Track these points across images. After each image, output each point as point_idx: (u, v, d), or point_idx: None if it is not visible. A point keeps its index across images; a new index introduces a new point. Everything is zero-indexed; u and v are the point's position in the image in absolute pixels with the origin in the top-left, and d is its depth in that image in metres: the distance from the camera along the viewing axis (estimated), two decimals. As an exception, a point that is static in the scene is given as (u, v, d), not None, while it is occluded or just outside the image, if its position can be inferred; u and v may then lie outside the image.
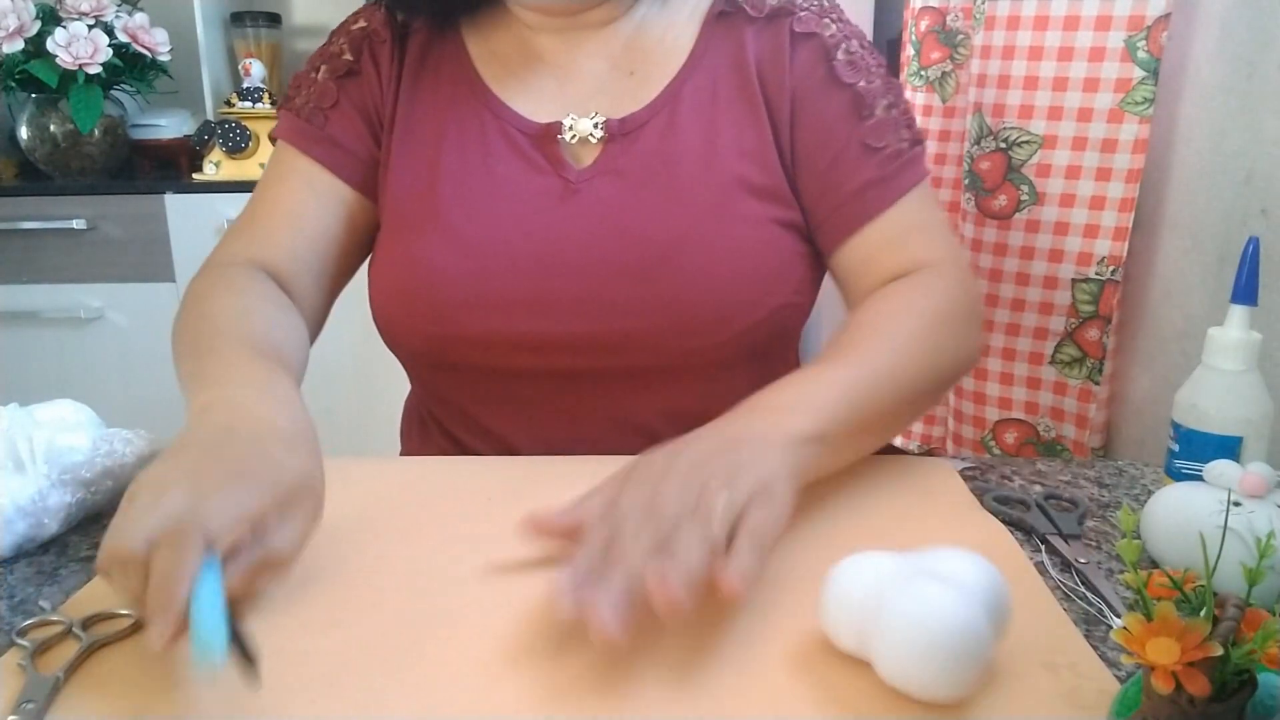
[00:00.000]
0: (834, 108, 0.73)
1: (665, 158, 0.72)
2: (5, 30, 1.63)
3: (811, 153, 0.73)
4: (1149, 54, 0.89)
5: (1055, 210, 0.98)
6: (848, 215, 0.72)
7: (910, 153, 0.73)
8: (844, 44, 0.74)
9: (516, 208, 0.72)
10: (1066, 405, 1.02)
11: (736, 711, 0.42)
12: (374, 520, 0.60)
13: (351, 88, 0.77)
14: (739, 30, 0.75)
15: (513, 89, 0.76)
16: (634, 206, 0.71)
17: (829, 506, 0.61)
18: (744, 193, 0.72)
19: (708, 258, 0.70)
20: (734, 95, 0.74)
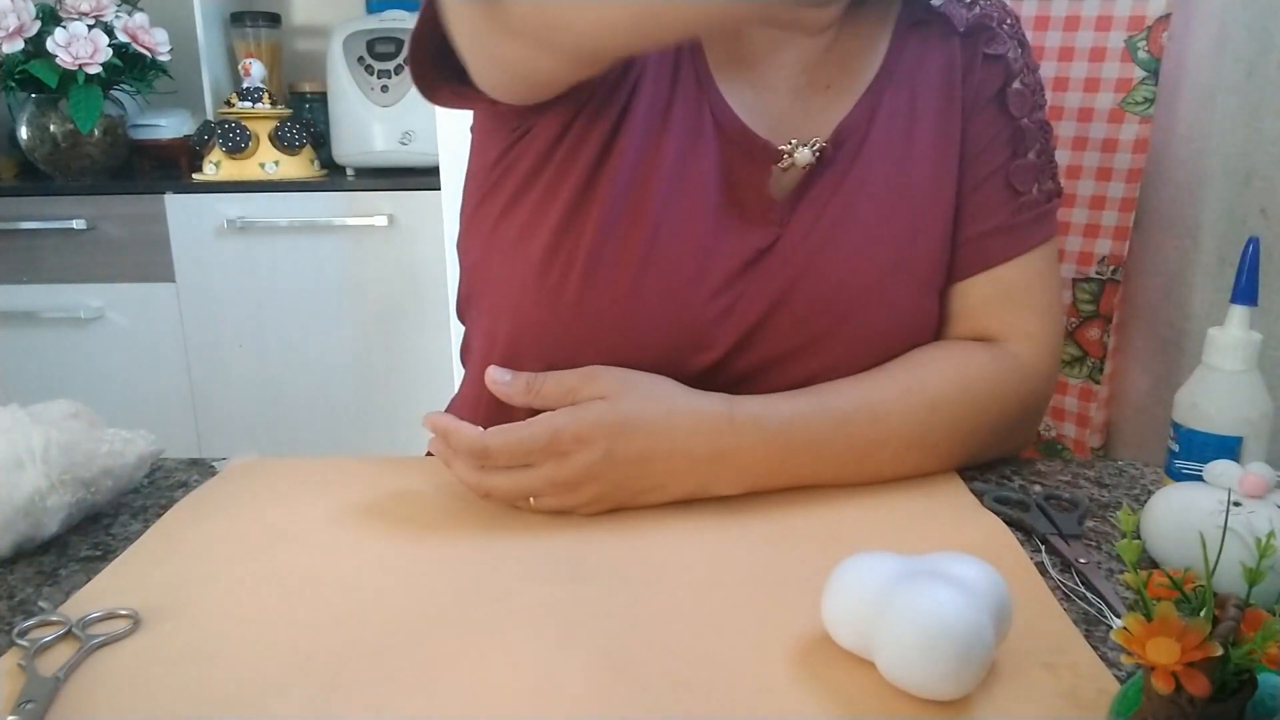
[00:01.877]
0: (994, 135, 0.70)
1: (858, 187, 0.67)
2: (5, 30, 1.64)
3: (963, 177, 0.70)
4: (1149, 54, 0.89)
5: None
6: (969, 256, 0.70)
7: (1047, 206, 0.71)
8: (1023, 73, 0.71)
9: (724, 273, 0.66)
10: (1067, 404, 1.02)
11: (737, 710, 0.42)
12: (374, 519, 0.60)
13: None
14: (932, 40, 0.70)
15: (726, 81, 0.68)
16: (827, 250, 0.67)
17: (829, 507, 0.61)
18: (937, 218, 0.68)
19: (892, 301, 0.67)
20: (933, 109, 0.70)
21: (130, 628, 0.48)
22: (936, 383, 0.65)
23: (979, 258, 0.70)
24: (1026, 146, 0.71)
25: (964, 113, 0.70)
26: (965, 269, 0.70)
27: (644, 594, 0.51)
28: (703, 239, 0.65)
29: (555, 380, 0.61)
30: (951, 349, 0.68)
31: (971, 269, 0.70)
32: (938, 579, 0.42)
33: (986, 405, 0.66)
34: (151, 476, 0.68)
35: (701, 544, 0.56)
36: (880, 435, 0.63)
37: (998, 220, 0.69)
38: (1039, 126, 0.72)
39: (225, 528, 0.59)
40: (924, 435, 0.64)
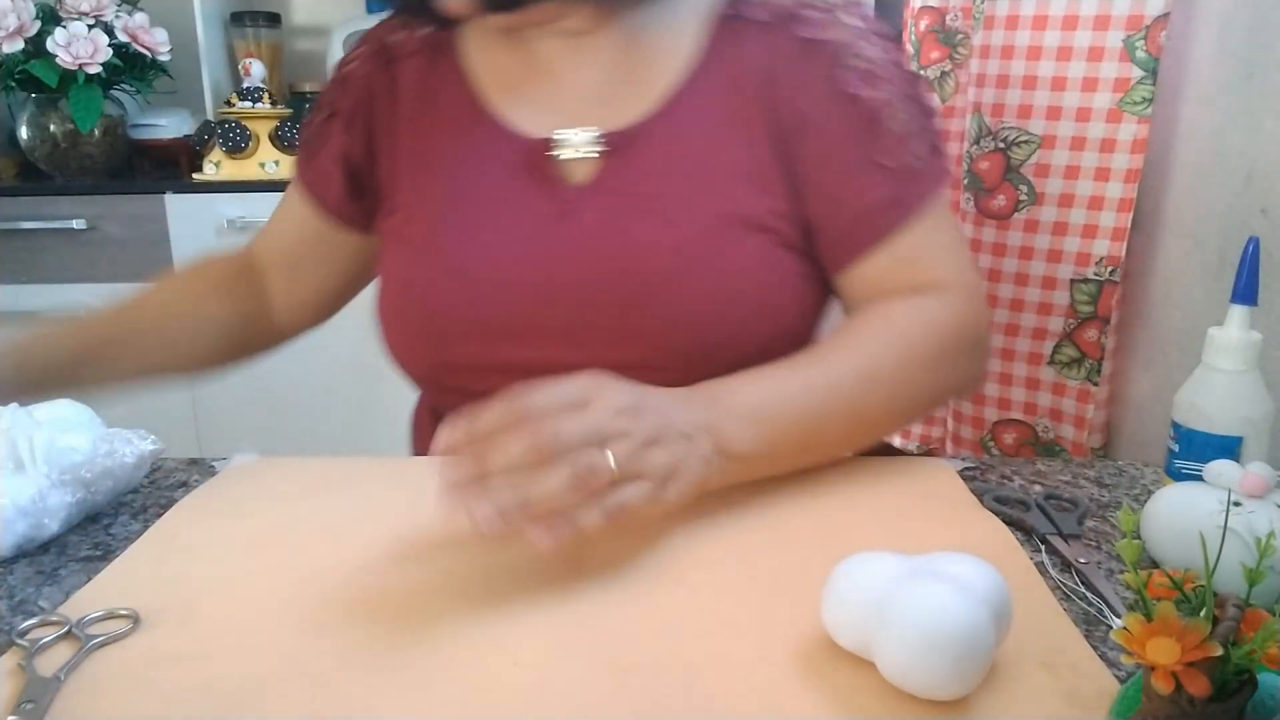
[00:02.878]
0: (842, 122, 0.69)
1: (662, 175, 0.69)
2: (5, 30, 1.63)
3: (818, 171, 0.69)
4: (1148, 54, 0.89)
5: (1054, 210, 0.98)
6: (856, 238, 0.69)
7: (927, 168, 0.70)
8: (857, 49, 0.69)
9: (510, 231, 0.71)
10: (1065, 406, 1.02)
11: (738, 711, 0.42)
12: (375, 520, 0.60)
13: (329, 128, 0.80)
14: (746, 37, 0.70)
15: (512, 103, 0.74)
16: (627, 230, 0.69)
17: (829, 506, 0.61)
18: (741, 216, 0.68)
19: (699, 288, 0.67)
20: (735, 109, 0.69)
21: (130, 628, 0.48)
22: (895, 336, 0.65)
23: (868, 233, 0.69)
24: (884, 120, 0.68)
25: (802, 112, 0.69)
26: (857, 248, 0.69)
27: (644, 595, 0.51)
28: (486, 231, 0.71)
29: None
30: (880, 310, 0.68)
31: (863, 247, 0.69)
32: (938, 579, 0.42)
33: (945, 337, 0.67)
34: (151, 476, 0.68)
35: (701, 544, 0.56)
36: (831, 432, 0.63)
37: (875, 197, 0.68)
38: (901, 90, 0.70)
39: (225, 528, 0.59)
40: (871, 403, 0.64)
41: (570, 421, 0.50)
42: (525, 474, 0.48)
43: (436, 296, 0.71)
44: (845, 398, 0.62)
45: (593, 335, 0.68)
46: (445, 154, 0.74)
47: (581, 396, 0.52)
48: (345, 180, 0.80)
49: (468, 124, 0.74)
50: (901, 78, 0.71)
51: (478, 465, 0.48)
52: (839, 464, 0.68)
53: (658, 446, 0.52)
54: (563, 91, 0.73)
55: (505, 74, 0.75)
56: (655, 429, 0.53)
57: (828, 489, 0.63)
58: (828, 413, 0.62)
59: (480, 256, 0.70)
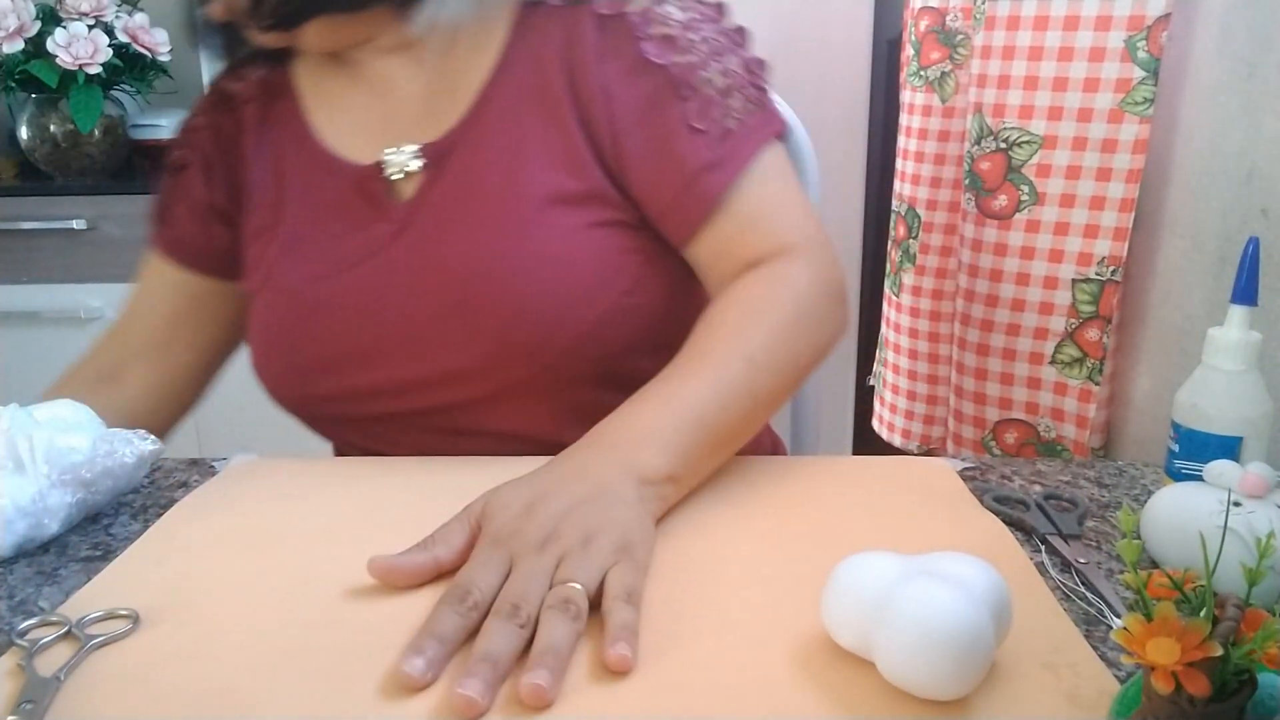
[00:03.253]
0: (649, 93, 0.68)
1: (478, 176, 0.70)
2: (5, 30, 1.63)
3: (635, 146, 0.69)
4: (1149, 54, 0.88)
5: (1055, 210, 0.98)
6: (686, 208, 0.69)
7: (744, 125, 0.68)
8: (658, 15, 0.69)
9: (348, 260, 0.72)
10: (1067, 405, 1.02)
11: (737, 710, 0.42)
12: (375, 520, 0.60)
13: (183, 182, 0.80)
14: (545, 23, 0.70)
15: (342, 132, 0.75)
16: (447, 239, 0.69)
17: (829, 506, 0.61)
18: (553, 204, 0.68)
19: (513, 281, 0.67)
20: (539, 97, 0.70)
21: (130, 628, 0.48)
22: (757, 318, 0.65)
23: (694, 205, 0.69)
24: (691, 84, 0.68)
25: (609, 90, 0.68)
26: (691, 218, 0.69)
27: (643, 594, 0.51)
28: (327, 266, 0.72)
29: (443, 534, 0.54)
30: (732, 297, 0.67)
31: (697, 216, 0.69)
32: (938, 579, 0.42)
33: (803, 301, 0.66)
34: (151, 476, 0.68)
35: (701, 544, 0.56)
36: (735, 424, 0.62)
37: (696, 163, 0.68)
38: (708, 49, 0.69)
39: (225, 528, 0.59)
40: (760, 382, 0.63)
41: (516, 585, 0.47)
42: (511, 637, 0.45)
43: (291, 338, 0.73)
44: (736, 387, 0.62)
45: (442, 345, 0.69)
46: (287, 196, 0.75)
47: (497, 554, 0.50)
48: (217, 229, 0.80)
49: (303, 161, 0.75)
50: (712, 30, 0.70)
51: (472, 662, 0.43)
52: (839, 464, 0.68)
53: (598, 534, 0.51)
54: (390, 110, 0.74)
55: (337, 104, 0.76)
56: (578, 519, 0.51)
57: (828, 489, 0.63)
58: (724, 407, 0.61)
59: (323, 292, 0.72)
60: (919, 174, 1.14)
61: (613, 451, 0.57)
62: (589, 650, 0.46)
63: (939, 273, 1.15)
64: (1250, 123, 0.79)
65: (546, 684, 0.42)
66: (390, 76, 0.74)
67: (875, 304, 1.41)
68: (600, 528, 0.51)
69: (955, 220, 1.11)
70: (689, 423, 0.59)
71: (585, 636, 0.47)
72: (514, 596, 0.46)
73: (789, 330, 0.65)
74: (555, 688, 0.42)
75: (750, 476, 0.65)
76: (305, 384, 0.73)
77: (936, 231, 1.14)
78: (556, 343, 0.68)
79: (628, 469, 0.56)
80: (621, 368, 0.71)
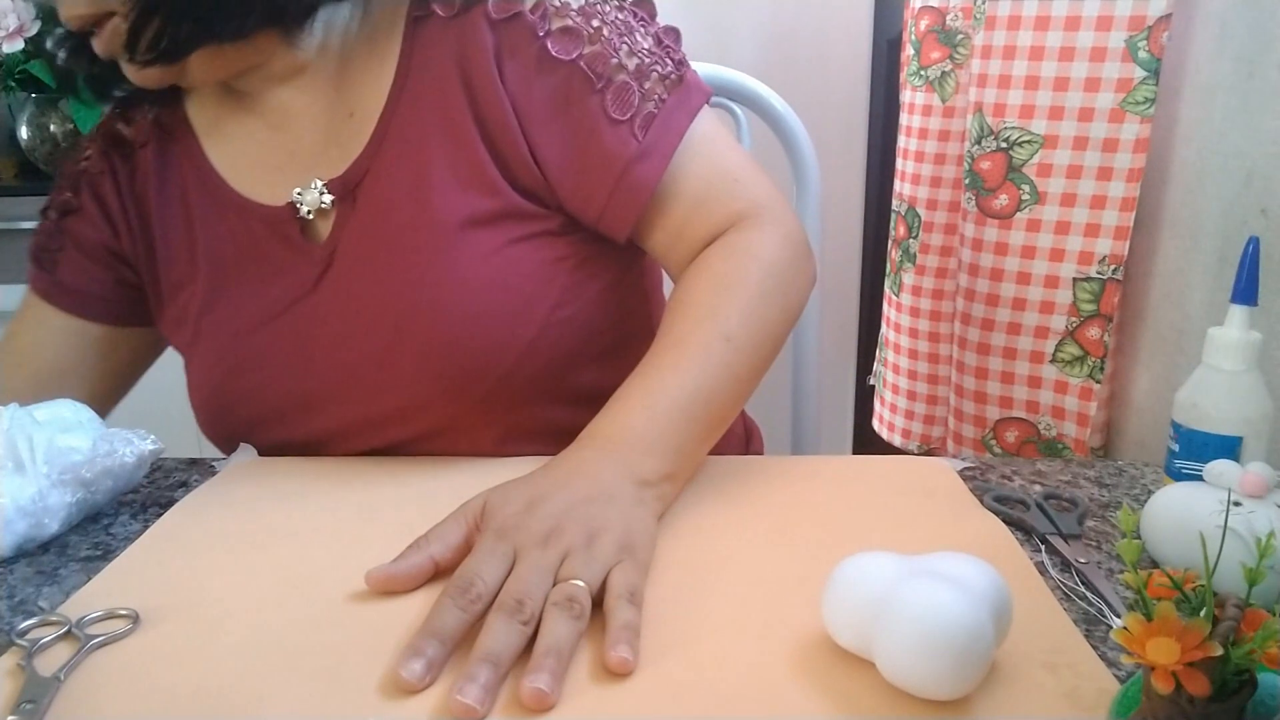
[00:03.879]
0: (561, 92, 0.65)
1: (385, 211, 0.67)
2: (5, 30, 1.63)
3: (557, 149, 0.66)
4: (1150, 54, 0.88)
5: (1056, 209, 0.98)
6: (623, 204, 0.66)
7: (666, 105, 0.66)
8: (552, 8, 0.66)
9: (268, 312, 0.69)
10: (1067, 404, 1.02)
11: (737, 710, 0.42)
12: (375, 519, 0.60)
13: (74, 226, 0.75)
14: (438, 35, 0.67)
15: (247, 172, 0.71)
16: (369, 276, 0.67)
17: (829, 506, 0.61)
18: (468, 228, 0.66)
19: (440, 313, 0.65)
20: (439, 116, 0.66)
21: (130, 627, 0.48)
22: (727, 294, 0.64)
23: (635, 192, 0.66)
24: (601, 75, 0.65)
25: (515, 95, 0.65)
26: (633, 209, 0.67)
27: (644, 594, 0.51)
28: (251, 316, 0.69)
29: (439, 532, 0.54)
30: (698, 276, 0.66)
31: (638, 205, 0.67)
32: (938, 579, 0.42)
33: (769, 267, 0.65)
34: (151, 476, 0.68)
35: (701, 544, 0.56)
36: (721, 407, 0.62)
37: (626, 154, 0.65)
38: (611, 40, 0.66)
39: (225, 528, 0.59)
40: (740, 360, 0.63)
41: (520, 581, 0.47)
42: (514, 635, 0.45)
43: (227, 397, 0.71)
44: (719, 371, 0.61)
45: (380, 385, 0.67)
46: (202, 242, 0.72)
47: (501, 546, 0.49)
48: (118, 273, 0.76)
49: (211, 205, 0.72)
50: (613, 16, 0.67)
51: (472, 661, 0.43)
52: (839, 464, 0.68)
53: (601, 532, 0.51)
54: (290, 144, 0.71)
55: (236, 141, 0.72)
56: (581, 517, 0.51)
57: (828, 489, 0.63)
58: (710, 394, 0.61)
59: (252, 346, 0.70)
60: (919, 173, 1.14)
61: (608, 453, 0.57)
62: (590, 650, 0.46)
63: (939, 272, 1.15)
64: (1250, 123, 0.79)
65: (548, 687, 0.42)
66: (286, 107, 0.70)
67: (875, 304, 1.41)
68: (603, 527, 0.51)
69: (956, 220, 1.11)
70: (678, 418, 0.59)
71: (586, 636, 0.47)
72: (518, 592, 0.46)
73: (760, 300, 0.64)
74: (556, 690, 0.42)
75: (751, 476, 0.65)
76: (251, 437, 0.71)
77: (937, 231, 1.14)
78: (494, 368, 0.66)
79: (625, 470, 0.56)
80: (565, 382, 0.69)
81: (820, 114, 1.58)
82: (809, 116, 0.98)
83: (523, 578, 0.47)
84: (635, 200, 0.66)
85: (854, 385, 1.76)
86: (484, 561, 0.49)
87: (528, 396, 0.68)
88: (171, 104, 0.74)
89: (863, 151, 1.67)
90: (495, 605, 0.46)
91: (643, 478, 0.56)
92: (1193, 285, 0.88)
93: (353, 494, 0.64)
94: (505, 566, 0.49)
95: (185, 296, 0.73)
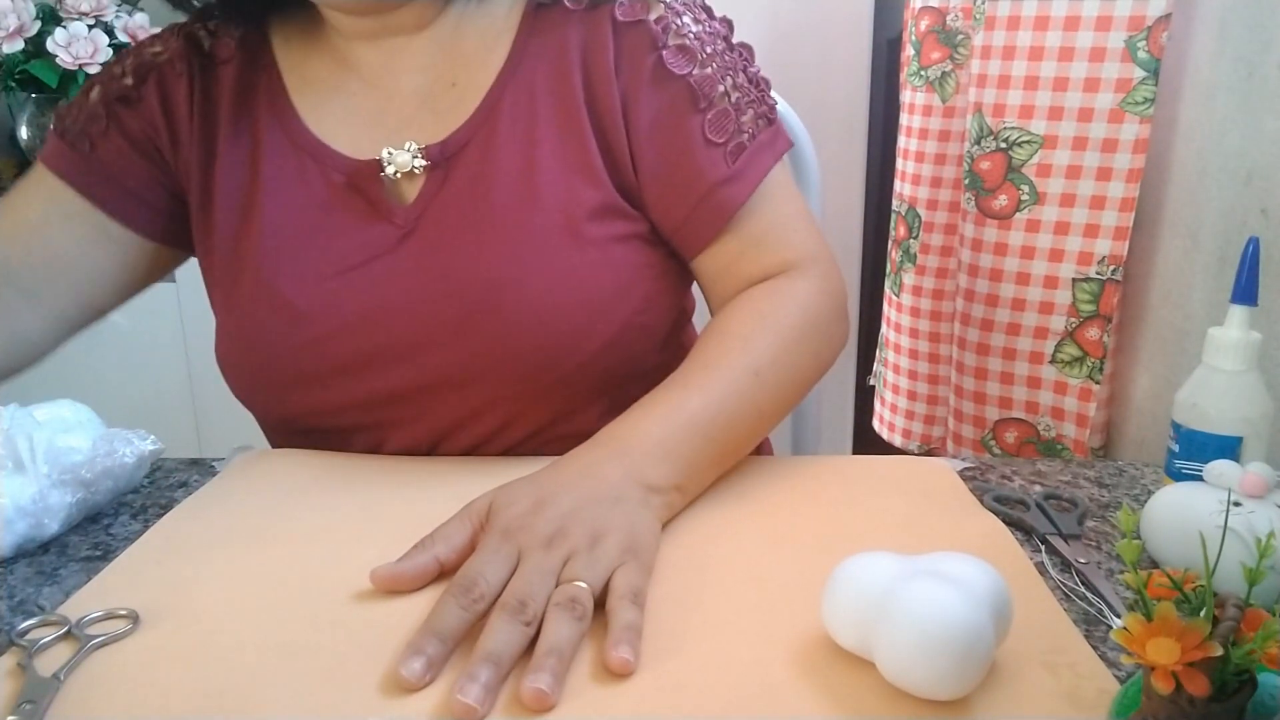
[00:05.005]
0: (668, 104, 0.67)
1: (484, 184, 0.67)
2: (5, 30, 1.63)
3: (652, 157, 0.68)
4: (1149, 54, 0.88)
5: (1056, 210, 0.98)
6: (701, 220, 0.68)
7: (756, 141, 0.68)
8: (674, 25, 0.67)
9: (342, 264, 0.67)
10: (1067, 404, 1.02)
11: (737, 711, 0.42)
12: (375, 518, 0.60)
13: (126, 116, 0.71)
14: (560, 24, 0.68)
15: (332, 120, 0.70)
16: (455, 245, 0.66)
17: (829, 506, 0.61)
18: (572, 217, 0.66)
19: (530, 296, 0.65)
20: (554, 102, 0.67)
21: (130, 627, 0.48)
22: (762, 333, 0.65)
23: (707, 219, 0.68)
24: (709, 96, 0.67)
25: (627, 98, 0.67)
26: (704, 232, 0.69)
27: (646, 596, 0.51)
28: (318, 266, 0.67)
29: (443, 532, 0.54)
30: (739, 310, 0.67)
31: (710, 230, 0.68)
32: (938, 579, 0.42)
33: (808, 317, 0.67)
34: (151, 476, 0.68)
35: (701, 544, 0.56)
36: (739, 436, 0.63)
37: (712, 178, 0.67)
38: (721, 63, 0.68)
39: (225, 528, 0.59)
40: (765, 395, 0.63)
41: (523, 582, 0.47)
42: (516, 635, 0.45)
43: (272, 343, 0.68)
44: (742, 400, 0.62)
45: (439, 358, 0.66)
46: (266, 180, 0.69)
47: (506, 546, 0.50)
48: (155, 176, 0.71)
49: (288, 146, 0.69)
50: (723, 46, 0.69)
51: (473, 661, 0.43)
52: (839, 464, 0.68)
53: (606, 534, 0.51)
54: (385, 104, 0.70)
55: (324, 90, 0.71)
56: (586, 519, 0.51)
57: (828, 489, 0.63)
58: (730, 420, 0.61)
59: (317, 296, 0.67)
60: (919, 174, 1.14)
61: (619, 456, 0.57)
62: (591, 650, 0.46)
63: (939, 272, 1.15)
64: (1250, 123, 0.79)
65: (549, 688, 0.42)
66: (386, 64, 0.69)
67: (875, 304, 1.41)
68: (608, 528, 0.51)
69: (955, 220, 1.11)
70: (695, 435, 0.59)
71: (588, 636, 0.47)
72: (521, 593, 0.46)
73: (794, 344, 0.66)
74: (557, 691, 0.42)
75: (751, 476, 0.65)
76: (291, 392, 0.69)
77: (937, 231, 1.14)
78: (566, 360, 0.66)
79: (634, 474, 0.56)
80: (621, 390, 0.69)
81: (820, 114, 1.58)
82: (809, 116, 0.97)
83: (526, 578, 0.48)
84: (715, 220, 0.68)
85: (854, 385, 1.76)
86: (488, 561, 0.49)
87: (585, 396, 0.69)
88: (257, 30, 0.72)
89: (863, 151, 1.67)
90: (498, 605, 0.46)
91: (651, 483, 0.56)
92: (1193, 285, 0.88)
93: (354, 494, 0.64)
94: (509, 567, 0.49)
95: (237, 232, 0.69)
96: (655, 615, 0.49)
